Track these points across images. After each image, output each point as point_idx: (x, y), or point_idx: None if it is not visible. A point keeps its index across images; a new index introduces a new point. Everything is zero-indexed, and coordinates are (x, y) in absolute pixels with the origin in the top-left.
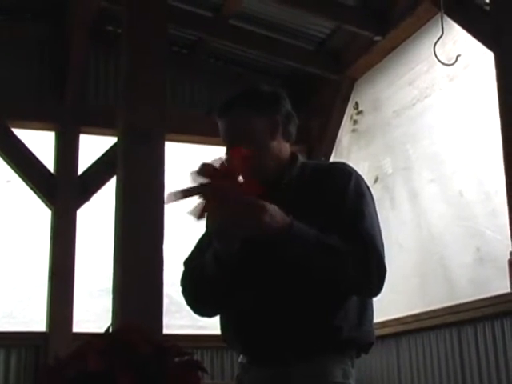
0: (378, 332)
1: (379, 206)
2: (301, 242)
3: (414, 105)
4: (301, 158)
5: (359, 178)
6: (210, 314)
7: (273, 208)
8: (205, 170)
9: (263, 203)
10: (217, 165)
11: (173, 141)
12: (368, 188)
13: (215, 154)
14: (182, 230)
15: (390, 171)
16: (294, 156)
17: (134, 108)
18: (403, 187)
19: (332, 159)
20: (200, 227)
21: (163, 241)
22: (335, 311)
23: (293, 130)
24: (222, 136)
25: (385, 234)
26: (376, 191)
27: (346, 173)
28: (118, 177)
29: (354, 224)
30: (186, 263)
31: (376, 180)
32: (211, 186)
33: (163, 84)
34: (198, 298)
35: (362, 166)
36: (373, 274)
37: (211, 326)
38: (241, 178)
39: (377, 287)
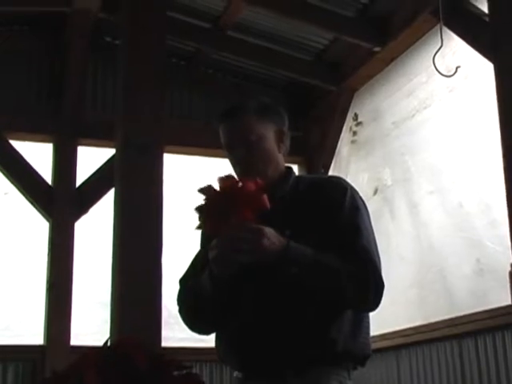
0: (377, 345)
1: (379, 217)
2: (297, 262)
3: (413, 116)
4: (295, 172)
5: (354, 192)
6: (207, 332)
7: (269, 231)
8: (206, 190)
9: (261, 227)
10: (221, 185)
11: (171, 152)
12: (363, 202)
13: (214, 165)
14: (181, 242)
15: (390, 182)
16: (288, 170)
17: (133, 119)
18: (403, 198)
19: (331, 170)
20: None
21: (162, 253)
22: (330, 323)
23: (288, 144)
24: (227, 141)
25: (384, 245)
26: (375, 202)
27: (340, 187)
28: (116, 189)
29: (351, 240)
30: (182, 282)
31: (375, 191)
32: (208, 208)
33: (162, 95)
34: (195, 316)
35: (362, 177)
36: (371, 291)
37: (210, 339)
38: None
39: (374, 303)
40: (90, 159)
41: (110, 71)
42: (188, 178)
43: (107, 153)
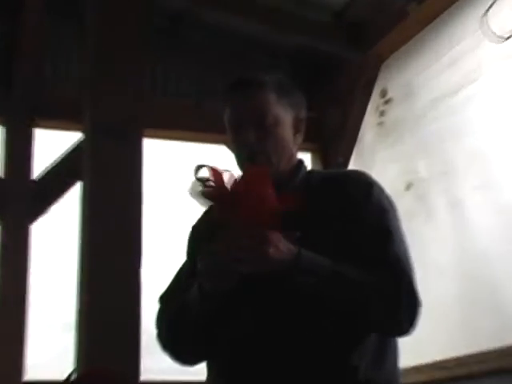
0: (410, 379)
1: (411, 219)
2: (311, 275)
3: (456, 92)
4: (306, 166)
5: (381, 189)
6: (193, 362)
7: (276, 237)
8: (208, 193)
9: (265, 232)
10: (222, 184)
11: (153, 138)
12: (391, 202)
13: (207, 153)
14: (165, 250)
15: (426, 176)
16: (299, 162)
17: (105, 97)
18: (442, 196)
19: (352, 161)
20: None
21: (141, 264)
22: (350, 347)
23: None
24: (235, 119)
25: (418, 254)
26: (407, 201)
27: (363, 184)
28: (85, 183)
29: (378, 247)
30: (162, 299)
31: (408, 187)
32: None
33: (142, 67)
34: (177, 342)
35: (391, 170)
36: (402, 311)
37: (199, 370)
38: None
39: (407, 326)
40: (51, 145)
41: (77, 35)
42: (174, 170)
43: (72, 137)
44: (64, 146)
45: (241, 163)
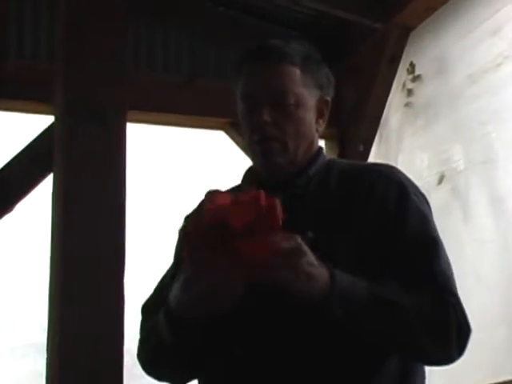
0: None
1: (445, 217)
2: (347, 303)
3: (498, 66)
4: (325, 155)
5: (415, 189)
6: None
7: (309, 256)
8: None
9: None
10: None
11: (137, 122)
12: (428, 203)
13: (201, 140)
14: (153, 254)
15: (462, 166)
16: (319, 151)
17: (80, 73)
18: (482, 190)
19: (375, 148)
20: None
21: (124, 271)
22: (370, 374)
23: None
24: (249, 94)
25: (453, 260)
26: (440, 197)
27: (396, 182)
28: (56, 175)
29: (422, 261)
30: (144, 310)
31: (441, 180)
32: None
33: (123, 37)
34: (158, 362)
35: (420, 159)
36: (453, 338)
37: None
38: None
39: (457, 354)
40: (16, 131)
41: (45, 3)
42: (162, 160)
43: (42, 122)
44: (32, 133)
45: (251, 148)
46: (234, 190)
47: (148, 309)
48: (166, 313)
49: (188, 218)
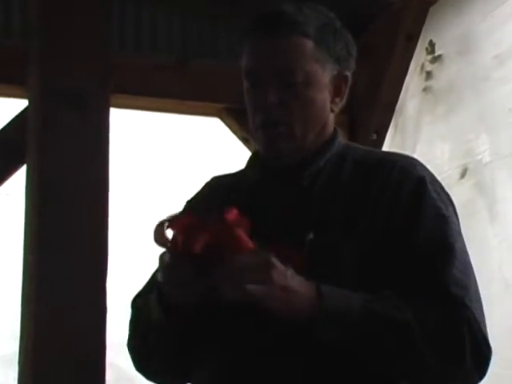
0: None
1: (468, 216)
2: (338, 324)
3: None
4: (340, 140)
5: (439, 186)
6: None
7: (289, 274)
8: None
9: (270, 257)
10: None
11: (122, 107)
12: (451, 201)
13: (194, 129)
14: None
15: (488, 158)
16: (334, 135)
17: (57, 53)
18: (510, 185)
19: (389, 137)
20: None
21: (107, 273)
22: None
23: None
24: (253, 69)
25: (479, 263)
26: (463, 192)
27: (414, 177)
28: (30, 167)
29: (434, 269)
30: (136, 303)
31: (464, 174)
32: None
33: (106, 14)
34: (147, 356)
35: (441, 151)
36: (466, 358)
37: None
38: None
39: (475, 377)
40: None
41: None
42: (152, 150)
43: (14, 106)
44: (1, 119)
45: (254, 132)
46: (238, 175)
47: (138, 303)
48: (158, 293)
49: (189, 203)
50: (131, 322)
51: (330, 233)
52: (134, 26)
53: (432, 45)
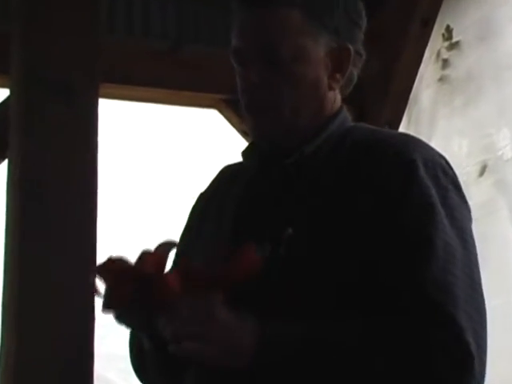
0: None
1: (489, 216)
2: (280, 364)
3: None
4: (346, 119)
5: (438, 169)
6: None
7: (227, 323)
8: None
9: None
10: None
11: (112, 97)
12: (456, 185)
13: (188, 120)
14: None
15: (510, 154)
16: (337, 114)
17: (42, 38)
18: None
19: (402, 131)
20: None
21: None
22: None
23: (355, 77)
24: (237, 49)
25: (497, 269)
26: (483, 191)
27: (405, 162)
28: (12, 161)
29: (407, 269)
30: None
31: (483, 171)
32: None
33: None
34: (140, 366)
35: (458, 146)
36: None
37: None
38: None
39: None
40: None
41: None
42: (142, 142)
43: None
44: None
45: (244, 116)
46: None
47: None
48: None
49: (202, 196)
50: (129, 343)
51: (309, 227)
52: (124, 7)
53: (449, 30)
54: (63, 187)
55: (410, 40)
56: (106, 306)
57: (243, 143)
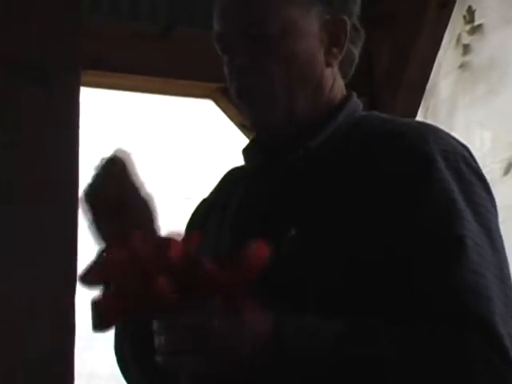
0: None
1: None
2: (304, 364)
3: None
4: (357, 107)
5: (460, 161)
6: None
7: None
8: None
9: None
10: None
11: (95, 85)
12: (481, 178)
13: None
14: None
15: None
16: (346, 100)
17: (17, 20)
18: None
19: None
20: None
21: (76, 283)
22: None
23: (356, 56)
24: (220, 30)
25: None
26: (508, 191)
27: (418, 155)
28: None
29: (433, 273)
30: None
31: (508, 169)
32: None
33: None
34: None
35: (480, 140)
36: None
37: None
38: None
39: None
40: None
41: None
42: (131, 135)
43: None
44: None
45: (240, 108)
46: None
47: None
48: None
49: (204, 201)
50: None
51: (315, 227)
52: None
53: (471, 12)
54: (41, 183)
55: (427, 23)
56: (100, 325)
57: (240, 136)
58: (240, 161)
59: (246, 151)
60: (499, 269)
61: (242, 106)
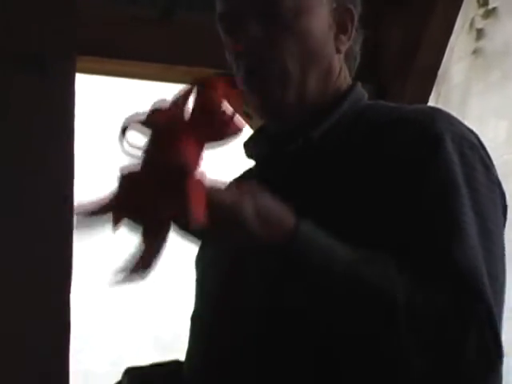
0: None
1: None
2: (315, 266)
3: None
4: (361, 97)
5: (466, 145)
6: None
7: (263, 199)
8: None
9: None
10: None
11: (92, 72)
12: (486, 166)
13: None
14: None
15: None
16: (352, 87)
17: (11, 5)
18: None
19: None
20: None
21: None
22: None
23: (358, 54)
24: (226, 11)
25: None
26: None
27: (429, 136)
28: None
29: (436, 248)
30: None
31: None
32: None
33: None
34: None
35: (494, 129)
36: (464, 363)
37: None
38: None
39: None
40: None
41: None
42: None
43: None
44: None
45: (245, 92)
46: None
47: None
48: None
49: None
50: None
51: (323, 218)
52: None
53: None
54: (32, 181)
55: (439, 6)
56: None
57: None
58: (239, 148)
59: (251, 141)
60: (496, 252)
61: (250, 91)
